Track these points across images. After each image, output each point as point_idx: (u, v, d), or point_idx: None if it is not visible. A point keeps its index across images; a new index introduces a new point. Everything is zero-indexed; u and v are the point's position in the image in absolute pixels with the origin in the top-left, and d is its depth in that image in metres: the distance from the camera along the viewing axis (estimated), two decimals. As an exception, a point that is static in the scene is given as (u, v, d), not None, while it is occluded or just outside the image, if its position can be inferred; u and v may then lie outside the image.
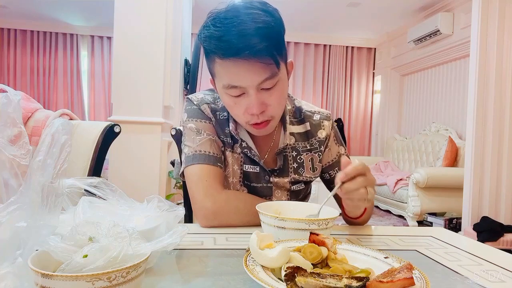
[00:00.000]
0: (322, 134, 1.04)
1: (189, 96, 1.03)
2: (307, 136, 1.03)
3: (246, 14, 0.79)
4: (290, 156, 1.01)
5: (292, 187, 1.01)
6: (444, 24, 4.70)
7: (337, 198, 1.03)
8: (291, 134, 1.02)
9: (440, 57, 5.05)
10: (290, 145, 1.01)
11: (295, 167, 1.01)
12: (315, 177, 1.04)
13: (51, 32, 6.34)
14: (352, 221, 0.94)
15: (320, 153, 1.03)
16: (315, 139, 1.03)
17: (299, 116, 1.04)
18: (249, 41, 0.77)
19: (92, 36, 6.47)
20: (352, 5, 5.10)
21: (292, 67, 0.93)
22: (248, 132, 0.98)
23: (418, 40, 5.17)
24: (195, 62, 3.98)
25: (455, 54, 4.79)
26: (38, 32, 6.32)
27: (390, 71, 6.28)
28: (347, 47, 6.70)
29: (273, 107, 0.87)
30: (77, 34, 6.41)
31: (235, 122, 0.97)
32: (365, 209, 0.90)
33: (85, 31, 6.40)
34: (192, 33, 5.01)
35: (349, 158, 1.07)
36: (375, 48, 6.77)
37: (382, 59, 6.51)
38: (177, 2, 3.30)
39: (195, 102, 1.00)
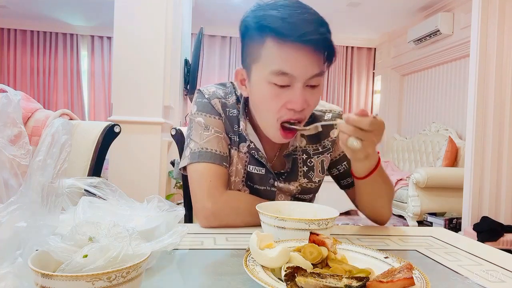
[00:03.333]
0: (334, 133, 0.99)
1: (201, 88, 0.98)
2: (318, 137, 0.99)
3: (306, 8, 0.79)
4: (300, 159, 0.98)
5: (297, 195, 0.99)
6: (444, 24, 4.70)
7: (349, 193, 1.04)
8: (302, 136, 0.98)
9: (440, 57, 5.05)
10: (300, 147, 0.98)
11: (305, 170, 0.98)
12: (322, 179, 1.01)
13: (51, 32, 6.34)
14: (364, 185, 0.88)
15: (331, 153, 1.00)
16: (327, 140, 1.00)
17: (310, 116, 1.00)
18: (316, 28, 0.77)
19: (92, 36, 6.47)
20: (352, 5, 5.10)
21: None
22: (257, 134, 0.94)
23: (418, 40, 5.17)
24: (195, 62, 3.98)
25: (455, 54, 4.79)
26: (38, 32, 6.32)
27: (390, 71, 6.28)
28: (347, 47, 6.70)
29: (311, 108, 0.85)
30: (77, 34, 6.41)
31: (245, 120, 0.94)
32: (374, 170, 0.84)
33: (85, 31, 6.40)
34: (192, 33, 5.01)
35: None
36: (375, 48, 6.77)
37: (382, 59, 6.51)
38: (177, 2, 3.30)
39: (206, 96, 0.95)
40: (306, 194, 1.01)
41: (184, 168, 0.94)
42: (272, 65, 0.79)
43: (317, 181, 1.00)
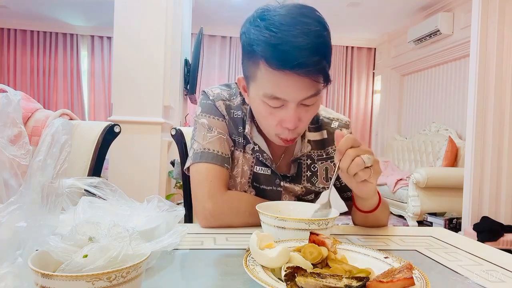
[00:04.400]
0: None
1: (206, 90, 0.99)
2: (323, 144, 1.00)
3: (305, 24, 0.73)
4: (304, 164, 0.98)
5: (301, 196, 0.99)
6: (444, 24, 4.70)
7: (349, 206, 1.02)
8: (308, 141, 0.98)
9: (440, 57, 5.05)
10: (305, 152, 0.98)
11: (309, 175, 0.98)
12: (328, 187, 1.00)
13: (51, 32, 6.34)
14: (367, 217, 0.89)
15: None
16: (331, 148, 1.00)
17: (316, 122, 1.00)
18: (310, 58, 0.72)
19: (92, 36, 6.47)
20: (352, 5, 5.10)
21: None
22: (262, 135, 0.94)
23: (418, 40, 5.17)
24: (195, 62, 3.98)
25: (455, 54, 4.79)
26: (38, 32, 6.32)
27: (390, 71, 6.28)
28: (347, 47, 6.70)
29: (306, 123, 0.84)
30: (77, 34, 6.41)
31: (251, 124, 0.94)
32: (379, 203, 0.86)
33: (85, 31, 6.40)
34: (192, 33, 5.01)
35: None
36: (375, 48, 6.77)
37: (382, 59, 6.51)
38: (177, 2, 3.30)
39: (210, 97, 0.96)
40: (310, 195, 1.01)
41: (188, 169, 0.95)
42: (265, 89, 0.78)
43: (320, 187, 1.00)
